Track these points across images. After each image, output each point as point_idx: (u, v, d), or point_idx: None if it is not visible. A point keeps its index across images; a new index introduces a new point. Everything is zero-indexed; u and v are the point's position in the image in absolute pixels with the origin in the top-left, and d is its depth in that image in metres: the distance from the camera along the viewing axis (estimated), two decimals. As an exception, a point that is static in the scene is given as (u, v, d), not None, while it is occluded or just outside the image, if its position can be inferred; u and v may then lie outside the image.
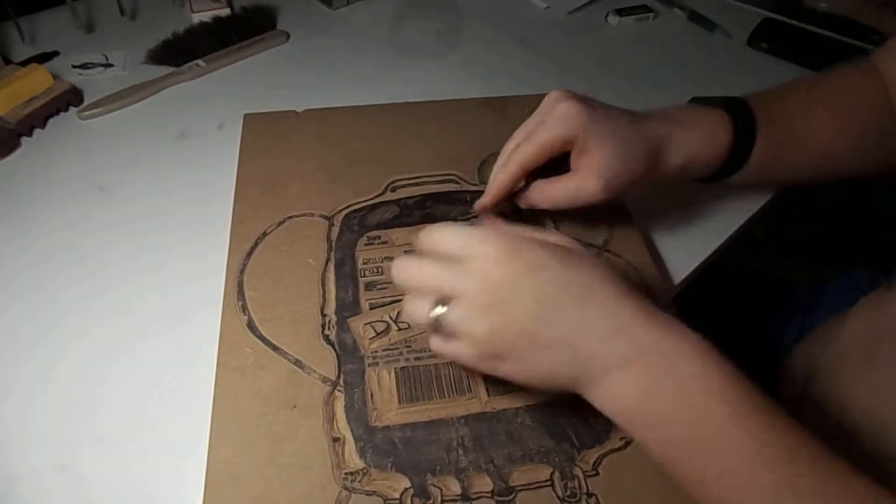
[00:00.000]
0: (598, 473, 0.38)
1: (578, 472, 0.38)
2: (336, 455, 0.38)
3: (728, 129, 0.45)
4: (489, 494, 0.37)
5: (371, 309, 0.45)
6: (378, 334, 0.43)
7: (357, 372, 0.42)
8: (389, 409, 0.40)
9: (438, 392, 0.41)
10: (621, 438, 0.39)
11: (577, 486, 0.37)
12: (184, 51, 0.67)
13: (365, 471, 0.37)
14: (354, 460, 0.38)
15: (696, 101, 0.48)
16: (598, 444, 0.39)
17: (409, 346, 0.43)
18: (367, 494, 0.36)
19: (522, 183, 0.46)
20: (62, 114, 0.61)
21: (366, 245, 0.49)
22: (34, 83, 0.60)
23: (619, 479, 0.37)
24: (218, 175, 0.55)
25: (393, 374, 0.41)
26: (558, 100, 0.43)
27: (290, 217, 0.50)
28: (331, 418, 0.39)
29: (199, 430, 0.38)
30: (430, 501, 0.36)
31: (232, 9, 0.74)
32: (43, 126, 0.60)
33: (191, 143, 0.59)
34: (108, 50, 0.68)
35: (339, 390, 0.41)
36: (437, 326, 0.34)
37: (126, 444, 0.39)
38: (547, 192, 0.45)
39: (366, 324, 0.44)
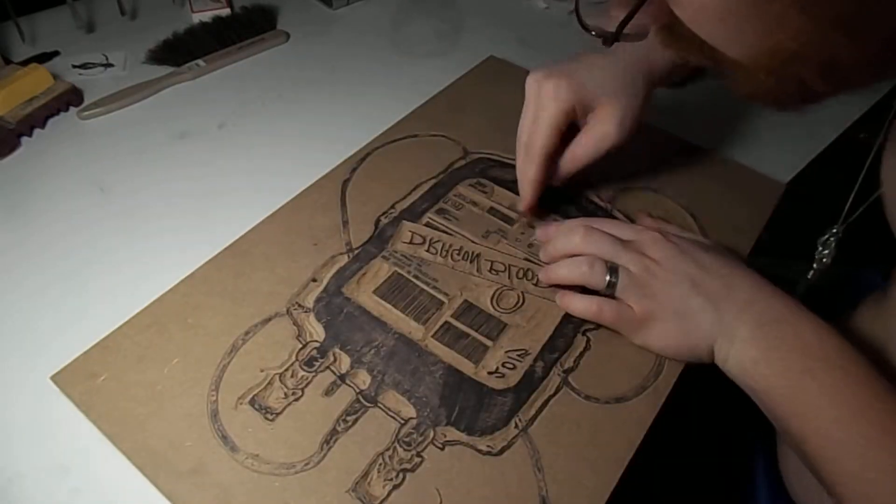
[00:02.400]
0: (443, 448, 0.39)
1: (430, 434, 0.39)
2: (302, 289, 0.46)
3: None
4: (358, 389, 0.41)
5: (425, 225, 0.51)
6: (410, 243, 0.50)
7: (371, 255, 0.49)
8: (364, 292, 0.46)
9: (405, 306, 0.46)
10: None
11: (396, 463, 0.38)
12: (184, 51, 0.67)
13: (307, 309, 0.45)
14: (310, 299, 0.45)
15: None
16: (487, 434, 0.40)
17: (420, 267, 0.48)
18: (294, 323, 0.44)
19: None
20: (62, 114, 0.61)
21: (469, 185, 0.55)
22: (34, 83, 0.60)
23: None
24: (218, 175, 0.55)
25: (390, 272, 0.47)
26: (540, 81, 0.47)
27: (430, 135, 0.59)
28: (326, 264, 0.47)
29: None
30: (322, 360, 0.42)
31: (232, 9, 0.74)
32: (43, 126, 0.60)
33: (191, 142, 0.59)
34: (108, 50, 0.68)
35: (349, 256, 0.48)
36: (609, 288, 0.43)
37: (126, 445, 0.39)
38: (573, 155, 0.48)
39: (410, 231, 0.50)
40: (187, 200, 0.53)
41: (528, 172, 0.48)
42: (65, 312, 0.45)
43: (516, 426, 0.40)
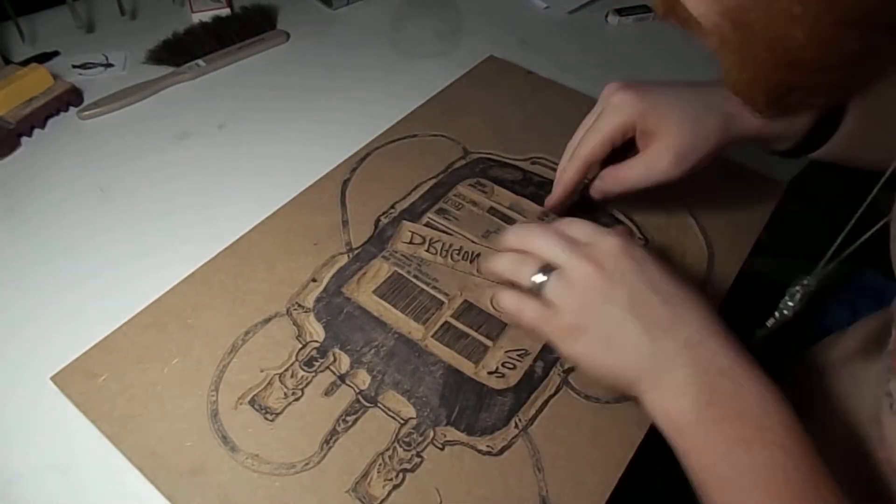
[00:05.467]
0: (441, 449, 0.39)
1: (430, 434, 0.39)
2: (302, 289, 0.46)
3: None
4: (357, 390, 0.41)
5: (425, 225, 0.51)
6: (410, 243, 0.49)
7: (371, 255, 0.49)
8: (364, 292, 0.46)
9: (405, 306, 0.46)
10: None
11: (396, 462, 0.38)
12: (184, 51, 0.67)
13: (307, 309, 0.45)
14: (310, 299, 0.45)
15: None
16: (487, 434, 0.40)
17: (420, 267, 0.48)
18: (294, 323, 0.44)
19: (590, 176, 0.48)
20: (62, 114, 0.61)
21: (469, 185, 0.55)
22: (34, 83, 0.60)
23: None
24: (218, 175, 0.55)
25: (390, 272, 0.47)
26: (613, 91, 0.45)
27: (430, 135, 0.59)
28: (326, 264, 0.48)
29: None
30: (322, 360, 0.42)
31: (232, 9, 0.74)
32: (43, 126, 0.60)
33: (191, 143, 0.59)
34: (108, 50, 0.68)
35: (349, 256, 0.48)
36: (534, 290, 0.37)
37: (126, 445, 0.39)
38: (617, 176, 0.46)
39: (410, 231, 0.50)
40: (187, 200, 0.53)
41: (564, 173, 0.47)
42: (64, 312, 0.45)
43: (516, 426, 0.40)
